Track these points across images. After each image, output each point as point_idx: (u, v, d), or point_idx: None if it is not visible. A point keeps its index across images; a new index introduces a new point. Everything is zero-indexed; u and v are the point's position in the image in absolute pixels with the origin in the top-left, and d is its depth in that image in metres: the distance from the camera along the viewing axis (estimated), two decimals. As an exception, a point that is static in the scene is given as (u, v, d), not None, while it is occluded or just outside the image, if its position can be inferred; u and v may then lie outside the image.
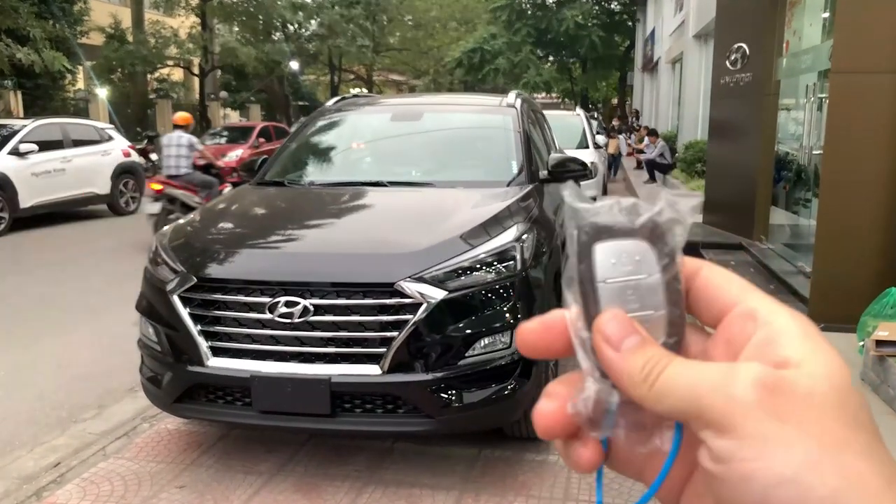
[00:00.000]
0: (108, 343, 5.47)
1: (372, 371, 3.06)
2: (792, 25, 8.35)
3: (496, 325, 3.17)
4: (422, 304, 3.04)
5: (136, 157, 13.67)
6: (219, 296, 3.23)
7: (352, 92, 17.16)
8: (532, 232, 3.50)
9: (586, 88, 38.08)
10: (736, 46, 8.50)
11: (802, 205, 8.40)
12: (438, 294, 3.06)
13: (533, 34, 31.28)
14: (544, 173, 4.44)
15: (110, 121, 18.30)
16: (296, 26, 28.55)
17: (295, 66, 28.95)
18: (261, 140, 17.65)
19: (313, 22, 28.90)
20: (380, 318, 3.08)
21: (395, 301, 3.07)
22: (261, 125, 19.53)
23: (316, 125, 5.17)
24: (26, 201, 10.91)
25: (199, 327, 3.22)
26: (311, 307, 3.08)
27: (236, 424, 3.70)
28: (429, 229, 3.48)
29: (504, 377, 3.18)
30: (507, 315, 3.19)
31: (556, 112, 11.78)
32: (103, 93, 22.84)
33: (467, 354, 3.11)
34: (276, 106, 30.31)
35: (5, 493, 3.38)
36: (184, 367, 3.26)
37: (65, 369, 5.03)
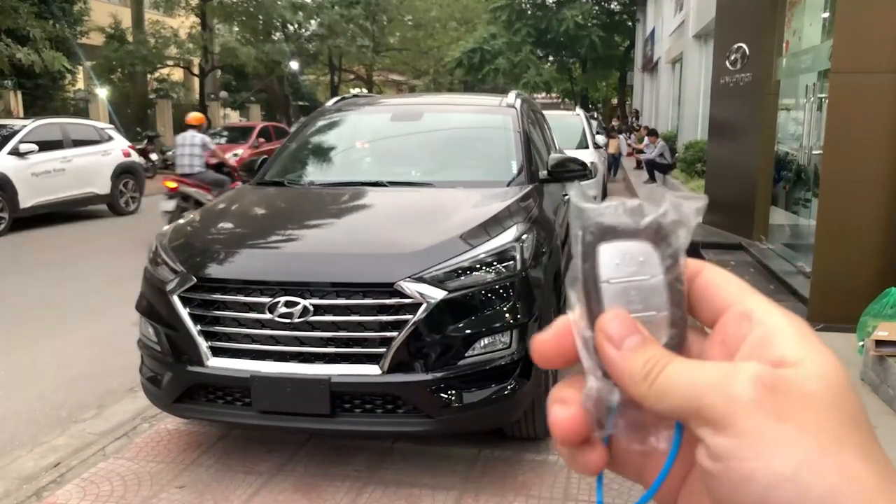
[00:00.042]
0: (108, 343, 5.47)
1: (372, 371, 3.06)
2: (792, 25, 8.36)
3: (496, 325, 3.17)
4: (421, 304, 3.04)
5: (136, 157, 13.68)
6: (219, 296, 3.23)
7: (352, 92, 17.16)
8: (532, 232, 3.50)
9: (586, 88, 38.08)
10: (736, 46, 8.51)
11: (802, 205, 8.40)
12: (438, 294, 3.06)
13: (533, 34, 31.28)
14: (544, 173, 4.44)
15: (110, 121, 18.30)
16: (296, 26, 28.54)
17: (295, 66, 28.95)
18: (261, 140, 17.69)
19: (313, 22, 28.89)
20: (379, 318, 3.08)
21: (395, 301, 3.07)
22: (261, 125, 19.57)
23: (316, 125, 5.17)
24: (26, 201, 10.92)
25: (199, 327, 3.22)
26: (310, 307, 3.08)
27: (236, 424, 3.70)
28: (429, 229, 3.48)
29: (504, 377, 3.18)
30: (506, 315, 3.19)
31: (555, 112, 11.76)
32: (103, 93, 22.83)
33: (467, 354, 3.11)
34: (276, 106, 30.31)
35: (5, 493, 3.38)
36: (184, 367, 3.26)
37: (65, 369, 5.03)
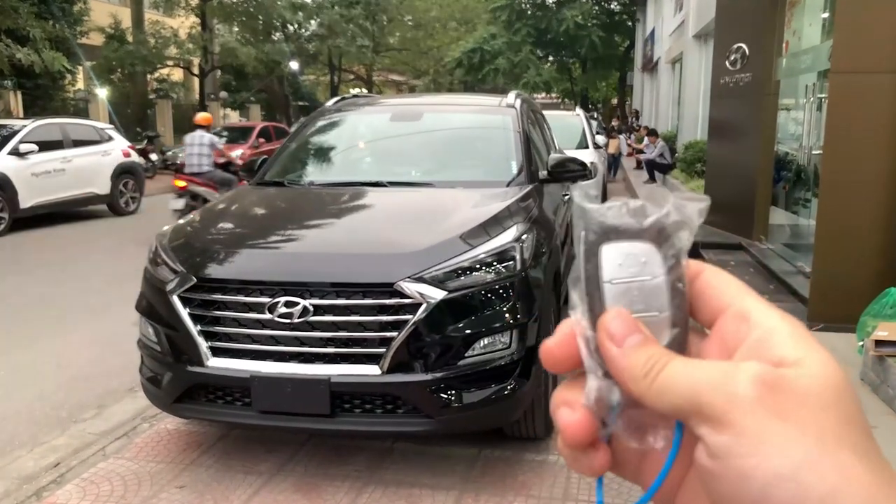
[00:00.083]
0: (108, 343, 5.47)
1: (371, 371, 3.06)
2: (792, 25, 8.36)
3: (496, 325, 3.17)
4: (421, 304, 3.04)
5: (135, 157, 13.68)
6: (218, 296, 3.23)
7: (352, 92, 17.17)
8: (532, 232, 3.50)
9: (586, 88, 38.08)
10: (736, 46, 8.51)
11: (802, 205, 8.41)
12: (438, 294, 3.06)
13: (533, 34, 31.29)
14: (544, 173, 4.44)
15: (110, 121, 18.30)
16: (296, 26, 28.53)
17: (295, 66, 28.94)
18: (261, 140, 17.71)
19: (313, 22, 28.88)
20: (379, 319, 3.08)
21: (395, 301, 3.07)
22: (261, 125, 19.60)
23: (316, 125, 5.17)
24: (26, 201, 10.92)
25: (199, 327, 3.22)
26: (310, 307, 3.08)
27: (236, 424, 3.70)
28: (428, 229, 3.48)
29: (504, 377, 3.18)
30: (506, 315, 3.19)
31: (555, 112, 11.76)
32: (103, 93, 22.83)
33: (467, 354, 3.11)
34: (276, 106, 30.31)
35: (5, 493, 3.38)
36: (183, 367, 3.26)
37: (65, 369, 5.03)
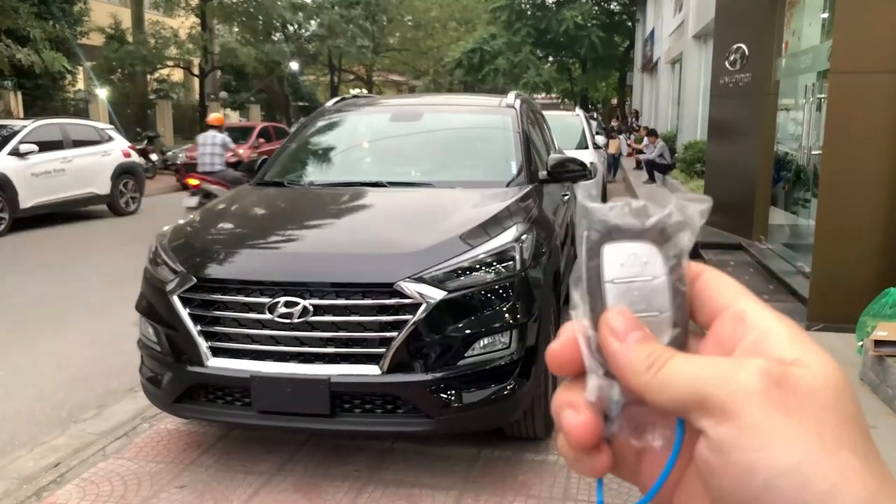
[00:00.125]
0: (108, 343, 5.47)
1: (371, 371, 3.06)
2: (791, 26, 8.37)
3: (495, 325, 3.17)
4: (421, 304, 3.04)
5: (136, 157, 13.68)
6: (218, 296, 3.23)
7: (351, 92, 17.17)
8: (531, 232, 3.50)
9: (586, 89, 38.07)
10: (735, 47, 8.51)
11: (801, 205, 8.41)
12: (438, 294, 3.06)
13: (532, 34, 31.28)
14: (544, 174, 4.44)
15: (110, 121, 18.31)
16: (295, 27, 28.54)
17: (295, 66, 28.94)
18: (261, 140, 17.72)
19: (313, 22, 28.89)
20: (379, 319, 3.08)
21: (395, 301, 3.07)
22: (260, 125, 19.61)
23: (316, 126, 5.17)
24: (26, 202, 10.92)
25: (199, 327, 3.22)
26: (310, 307, 3.08)
27: (236, 424, 3.70)
28: (428, 229, 3.48)
29: (503, 377, 3.18)
30: (506, 315, 3.19)
31: (555, 112, 11.75)
32: (103, 93, 22.84)
33: (467, 354, 3.11)
34: (276, 106, 30.32)
35: (5, 493, 3.38)
36: (183, 367, 3.26)
37: (65, 369, 5.03)
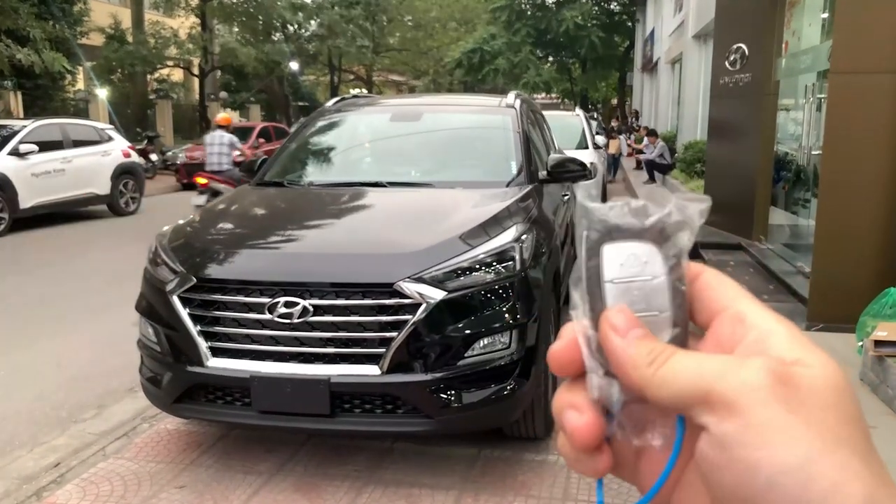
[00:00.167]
0: (107, 343, 5.47)
1: (371, 371, 3.06)
2: (791, 26, 8.37)
3: (495, 325, 3.17)
4: (421, 304, 3.04)
5: (135, 157, 13.68)
6: (218, 296, 3.23)
7: (351, 92, 17.17)
8: (531, 232, 3.50)
9: (586, 89, 38.06)
10: (735, 47, 8.52)
11: (801, 205, 8.42)
12: (438, 294, 3.06)
13: (532, 34, 31.28)
14: (543, 174, 4.44)
15: (110, 121, 18.31)
16: (295, 27, 28.55)
17: (295, 66, 28.95)
18: (260, 140, 17.70)
19: (313, 22, 28.90)
20: (379, 319, 3.08)
21: (395, 301, 3.07)
22: (260, 125, 19.60)
23: (315, 126, 5.17)
24: (26, 202, 10.92)
25: (199, 328, 3.22)
26: (310, 307, 3.08)
27: (236, 424, 3.70)
28: (428, 230, 3.48)
29: (503, 377, 3.18)
30: (506, 315, 3.19)
31: (555, 112, 11.74)
32: (103, 93, 22.84)
33: (466, 355, 3.11)
34: (276, 106, 30.33)
35: (5, 494, 3.38)
36: (183, 367, 3.26)
37: (65, 369, 5.03)
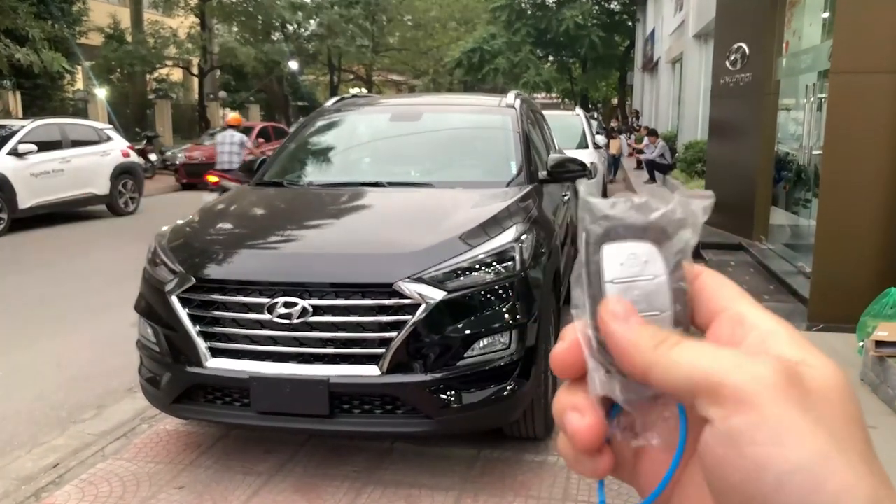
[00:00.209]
0: (107, 343, 5.47)
1: (371, 372, 3.05)
2: (792, 25, 8.36)
3: (495, 325, 3.16)
4: (421, 304, 3.03)
5: (135, 157, 13.68)
6: (217, 296, 3.22)
7: (351, 92, 17.18)
8: (531, 232, 3.49)
9: (586, 88, 38.05)
10: (736, 46, 8.51)
11: (802, 205, 8.41)
12: (437, 294, 3.05)
13: (533, 34, 31.28)
14: (543, 174, 4.44)
15: (109, 121, 18.31)
16: (295, 26, 28.56)
17: (294, 66, 28.95)
18: (260, 140, 17.69)
19: (312, 22, 28.92)
20: (379, 319, 3.08)
21: (394, 301, 3.06)
22: (260, 125, 19.58)
23: (315, 125, 5.16)
24: (25, 202, 10.92)
25: (198, 328, 3.21)
26: (309, 308, 3.08)
27: (235, 425, 3.69)
28: (428, 230, 3.47)
29: (503, 378, 3.17)
30: (506, 315, 3.18)
31: (555, 112, 11.75)
32: (102, 93, 22.83)
33: (466, 355, 3.11)
34: (276, 106, 30.32)
35: (4, 494, 3.37)
36: (182, 367, 3.25)
37: (64, 369, 5.03)
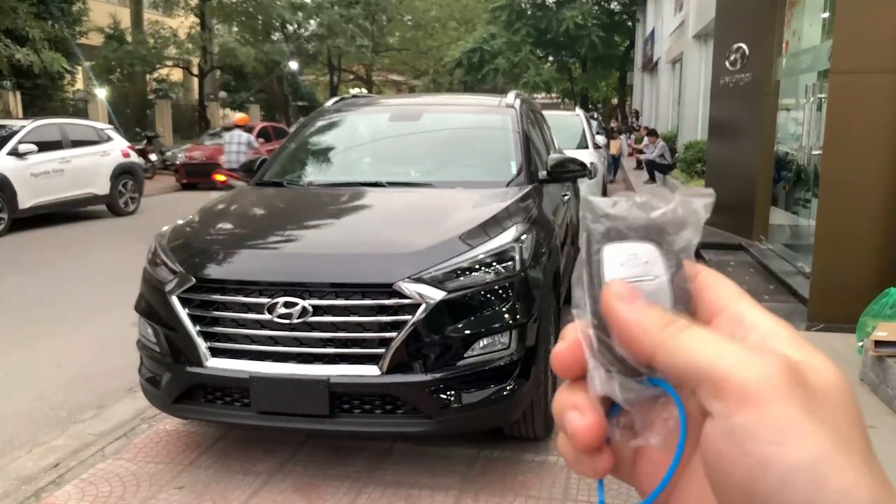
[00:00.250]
0: (107, 343, 5.47)
1: (371, 372, 3.05)
2: (791, 25, 8.36)
3: (495, 325, 3.16)
4: (421, 304, 3.03)
5: (135, 157, 13.68)
6: (218, 296, 3.23)
7: (351, 92, 17.18)
8: (531, 232, 3.49)
9: (586, 88, 38.05)
10: (735, 46, 8.51)
11: (802, 205, 8.40)
12: (437, 294, 3.05)
13: (533, 34, 31.28)
14: (543, 174, 4.44)
15: (109, 121, 18.32)
16: (295, 26, 28.56)
17: (294, 66, 28.96)
18: (260, 140, 17.69)
19: (312, 22, 28.92)
20: (379, 319, 3.08)
21: (394, 301, 3.07)
22: (260, 125, 19.57)
23: (315, 125, 5.16)
24: (25, 202, 10.92)
25: (198, 328, 3.22)
26: (309, 308, 3.08)
27: (235, 425, 3.70)
28: (428, 230, 3.47)
29: (503, 378, 3.18)
30: (506, 316, 3.18)
31: (555, 112, 11.74)
32: (102, 93, 22.83)
33: (466, 355, 3.11)
34: (276, 106, 30.32)
35: (4, 494, 3.37)
36: (183, 367, 3.25)
37: (64, 369, 5.03)
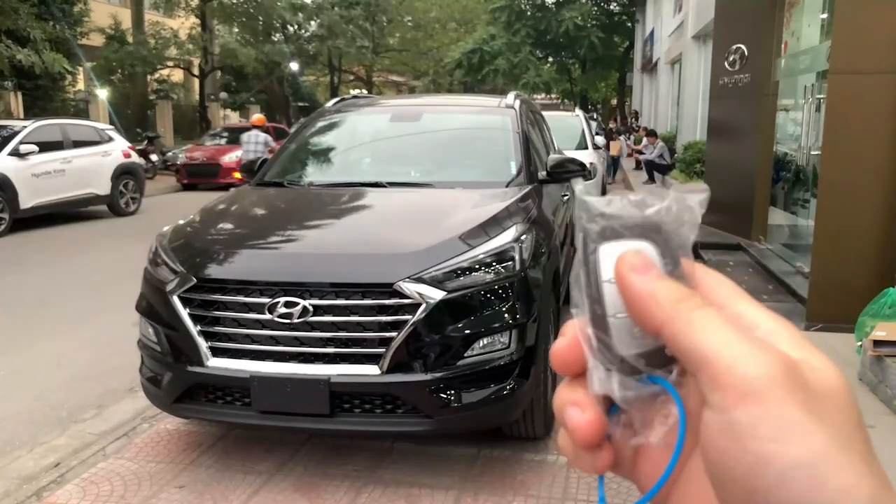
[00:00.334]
0: (107, 343, 5.48)
1: (371, 371, 3.06)
2: (790, 26, 8.37)
3: (495, 325, 3.17)
4: (421, 304, 3.04)
5: (136, 157, 13.69)
6: (218, 296, 3.24)
7: (351, 93, 17.18)
8: (531, 232, 3.50)
9: (586, 89, 38.04)
10: (735, 47, 8.53)
11: (801, 205, 8.42)
12: (437, 294, 3.07)
13: (532, 35, 31.30)
14: (543, 174, 4.45)
15: (110, 122, 18.33)
16: (295, 27, 28.57)
17: (294, 66, 28.95)
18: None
19: (313, 23, 28.91)
20: (379, 319, 3.09)
21: (394, 301, 3.08)
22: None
23: (315, 126, 5.17)
24: (26, 202, 10.93)
25: (199, 328, 3.23)
26: (310, 307, 3.09)
27: (236, 424, 3.70)
28: (428, 230, 3.48)
29: (503, 377, 3.18)
30: (505, 315, 3.19)
31: (555, 113, 11.75)
32: (103, 94, 22.85)
33: (466, 355, 3.12)
34: (276, 107, 30.33)
35: (5, 494, 3.38)
36: (183, 367, 3.26)
37: (65, 369, 5.04)
